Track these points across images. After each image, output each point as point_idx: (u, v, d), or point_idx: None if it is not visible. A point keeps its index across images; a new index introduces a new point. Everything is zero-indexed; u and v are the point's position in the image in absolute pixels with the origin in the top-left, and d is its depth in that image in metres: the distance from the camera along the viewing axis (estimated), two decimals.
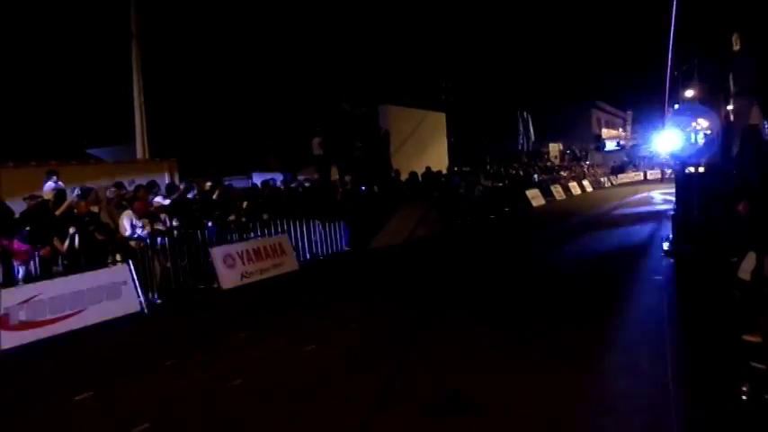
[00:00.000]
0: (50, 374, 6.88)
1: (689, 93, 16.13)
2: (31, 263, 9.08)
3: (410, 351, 6.65)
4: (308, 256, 13.37)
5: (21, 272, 8.88)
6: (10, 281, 8.57)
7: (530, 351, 6.32)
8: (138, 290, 9.47)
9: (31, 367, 7.23)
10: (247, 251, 11.59)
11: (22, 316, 7.96)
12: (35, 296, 8.19)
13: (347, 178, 17.49)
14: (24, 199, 10.39)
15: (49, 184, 11.65)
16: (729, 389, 4.74)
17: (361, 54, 26.31)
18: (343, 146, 22.88)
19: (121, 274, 9.45)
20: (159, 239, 10.63)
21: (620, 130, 59.55)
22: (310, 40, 24.99)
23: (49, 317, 8.23)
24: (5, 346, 7.64)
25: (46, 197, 10.92)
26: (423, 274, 11.61)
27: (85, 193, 10.47)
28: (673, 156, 11.30)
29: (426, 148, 28.12)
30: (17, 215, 9.57)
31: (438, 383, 5.55)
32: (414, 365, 6.16)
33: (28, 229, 9.22)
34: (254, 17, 24.29)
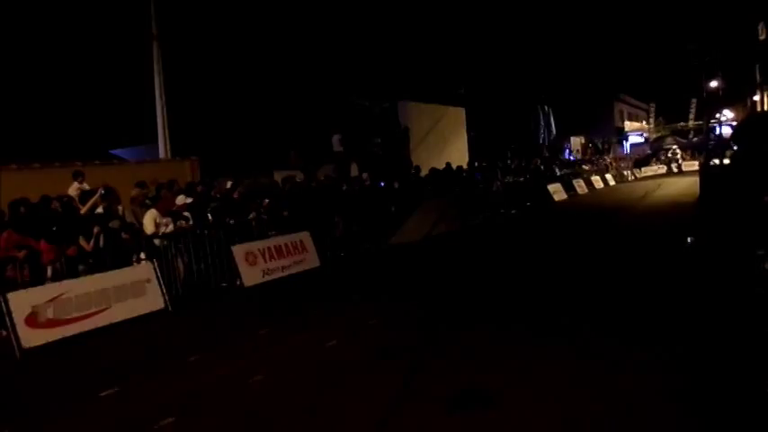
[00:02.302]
0: (76, 371, 7.01)
1: (713, 84, 15.88)
2: (60, 264, 9.24)
3: (429, 347, 6.65)
4: (329, 253, 13.39)
5: (48, 271, 9.05)
6: (38, 280, 8.74)
7: (549, 347, 6.28)
8: (162, 287, 9.61)
9: (57, 364, 7.37)
10: (269, 248, 11.67)
11: (50, 314, 8.12)
12: (62, 294, 8.35)
13: (365, 175, 17.50)
14: (52, 199, 10.62)
15: (75, 185, 11.86)
16: (754, 383, 4.67)
17: (380, 50, 26.30)
18: (363, 142, 22.91)
19: (146, 272, 9.59)
20: (182, 238, 10.75)
21: (644, 122, 58.68)
22: (330, 37, 25.04)
23: (75, 315, 8.37)
24: (33, 343, 7.80)
25: (72, 195, 11.15)
26: (442, 271, 11.59)
27: (108, 193, 10.64)
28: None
29: (446, 144, 28.07)
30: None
31: (456, 379, 5.55)
32: (432, 361, 6.17)
33: (55, 228, 9.40)
34: (274, 15, 24.41)
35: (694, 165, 38.97)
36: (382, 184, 17.49)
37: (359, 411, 5.00)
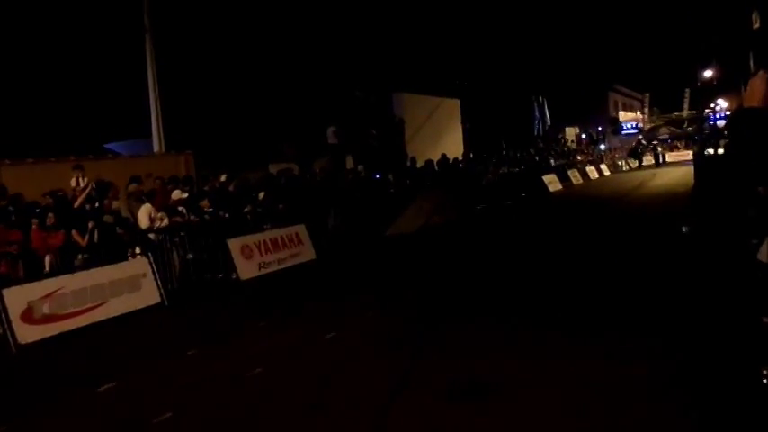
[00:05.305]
0: (74, 366, 7.00)
1: (707, 73, 15.86)
2: (54, 258, 9.20)
3: (426, 338, 6.66)
4: (325, 246, 13.35)
5: (46, 265, 9.03)
6: (34, 275, 8.70)
7: (549, 338, 6.29)
8: (158, 282, 9.58)
9: (54, 360, 7.35)
10: (265, 242, 11.66)
11: (45, 309, 8.09)
12: (57, 290, 8.32)
13: (360, 167, 17.48)
14: (44, 195, 10.57)
15: (75, 179, 11.76)
16: (749, 372, 4.69)
17: (375, 42, 26.16)
18: (358, 134, 22.84)
19: (141, 266, 9.57)
20: (178, 232, 10.71)
21: (638, 112, 58.69)
22: (323, 29, 24.88)
23: (71, 310, 8.35)
24: (29, 339, 7.77)
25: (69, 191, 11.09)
26: (438, 263, 11.60)
27: (102, 187, 10.59)
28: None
29: (441, 135, 28.04)
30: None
31: (454, 370, 5.55)
32: (430, 352, 6.17)
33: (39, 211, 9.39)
34: (268, 8, 24.24)
35: (687, 155, 38.80)
36: (378, 175, 17.48)
37: (359, 402, 5.00)
